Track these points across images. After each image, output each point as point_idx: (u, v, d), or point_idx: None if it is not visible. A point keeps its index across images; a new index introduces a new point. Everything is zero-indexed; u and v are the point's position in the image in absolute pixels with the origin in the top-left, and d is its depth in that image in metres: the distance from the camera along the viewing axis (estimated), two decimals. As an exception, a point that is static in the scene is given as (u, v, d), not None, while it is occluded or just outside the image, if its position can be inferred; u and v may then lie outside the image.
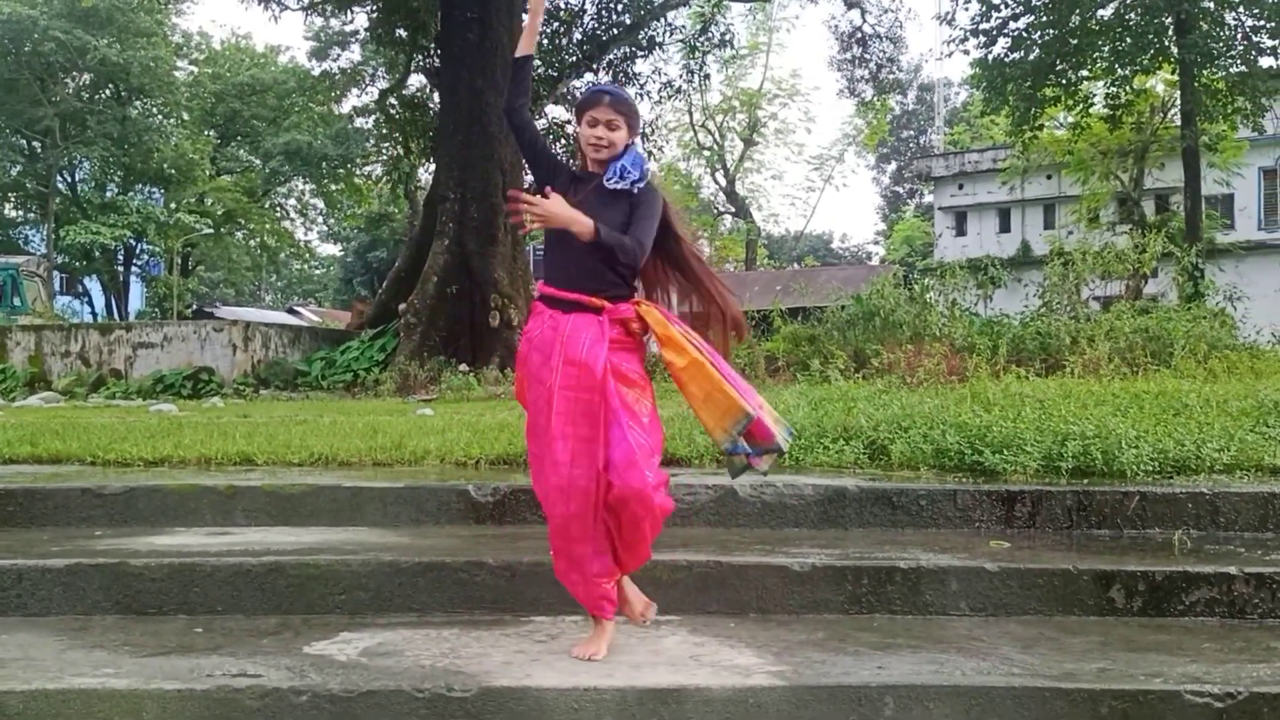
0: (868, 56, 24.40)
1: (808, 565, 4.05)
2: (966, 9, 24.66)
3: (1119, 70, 24.18)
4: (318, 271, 68.28)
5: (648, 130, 24.46)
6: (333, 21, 30.56)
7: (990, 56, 24.52)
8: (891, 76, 26.63)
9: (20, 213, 43.60)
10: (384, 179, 31.83)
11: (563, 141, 21.54)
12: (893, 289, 14.64)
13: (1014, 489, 4.79)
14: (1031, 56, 23.77)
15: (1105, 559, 4.20)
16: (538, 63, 22.98)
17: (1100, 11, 23.54)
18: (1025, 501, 4.75)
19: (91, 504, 4.93)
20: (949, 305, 14.93)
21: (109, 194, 42.12)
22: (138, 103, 41.28)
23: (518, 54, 3.66)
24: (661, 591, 4.01)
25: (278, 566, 4.06)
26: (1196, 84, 22.85)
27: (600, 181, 3.55)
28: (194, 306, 44.78)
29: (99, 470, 5.67)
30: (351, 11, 23.81)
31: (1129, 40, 23.33)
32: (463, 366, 15.23)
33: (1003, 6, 24.13)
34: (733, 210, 52.25)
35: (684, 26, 24.80)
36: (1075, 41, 23.30)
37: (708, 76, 23.93)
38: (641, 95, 23.99)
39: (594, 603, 3.51)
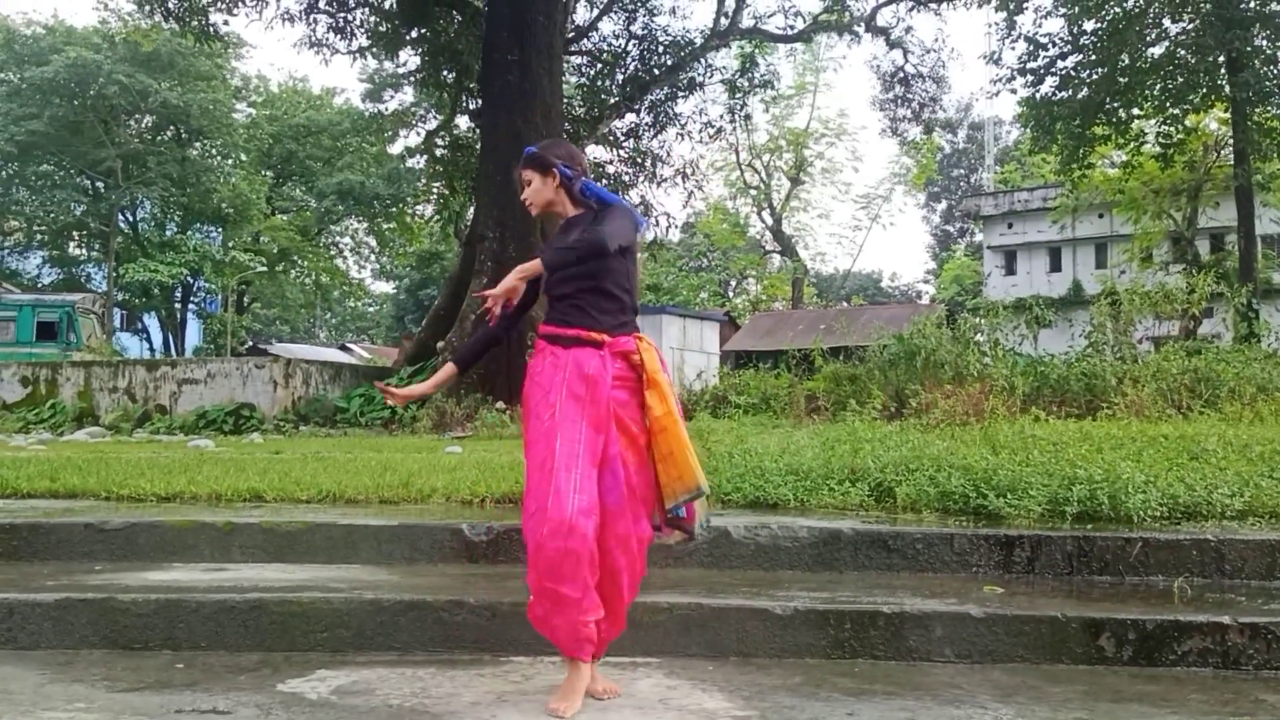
0: (910, 96, 24.38)
1: (789, 608, 3.99)
2: (1013, 49, 24.57)
3: (1170, 109, 23.93)
4: (371, 309, 69.29)
5: (688, 169, 24.54)
6: (387, 64, 31.20)
7: (1038, 95, 24.38)
8: (935, 116, 26.53)
9: (84, 251, 44.86)
10: (434, 218, 32.26)
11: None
12: (935, 328, 14.51)
13: (1012, 534, 4.68)
14: (1080, 95, 23.63)
15: (1099, 606, 4.09)
16: (580, 104, 23.29)
17: (1150, 50, 23.35)
18: (1024, 546, 4.64)
19: (93, 539, 4.99)
20: (991, 345, 14.75)
21: (168, 233, 43.25)
22: (197, 144, 42.49)
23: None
24: (642, 633, 3.99)
25: (261, 603, 4.09)
26: (1249, 122, 22.56)
27: (571, 219, 3.76)
28: (248, 343, 45.68)
29: (109, 505, 5.74)
30: (401, 54, 24.28)
31: (1180, 79, 23.12)
32: (499, 404, 15.27)
33: (1050, 45, 24.03)
34: (780, 249, 52.22)
35: (725, 68, 24.93)
36: (1125, 80, 23.13)
37: (749, 117, 23.97)
38: (682, 135, 24.13)
39: (576, 644, 3.34)
